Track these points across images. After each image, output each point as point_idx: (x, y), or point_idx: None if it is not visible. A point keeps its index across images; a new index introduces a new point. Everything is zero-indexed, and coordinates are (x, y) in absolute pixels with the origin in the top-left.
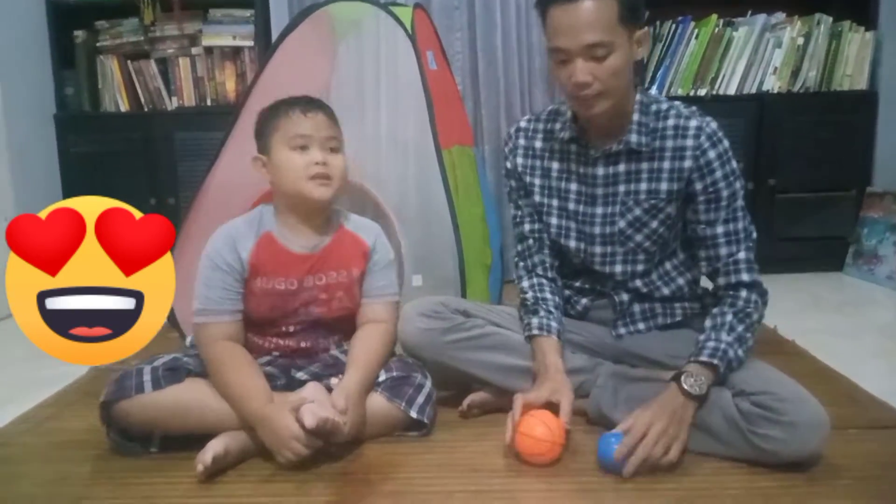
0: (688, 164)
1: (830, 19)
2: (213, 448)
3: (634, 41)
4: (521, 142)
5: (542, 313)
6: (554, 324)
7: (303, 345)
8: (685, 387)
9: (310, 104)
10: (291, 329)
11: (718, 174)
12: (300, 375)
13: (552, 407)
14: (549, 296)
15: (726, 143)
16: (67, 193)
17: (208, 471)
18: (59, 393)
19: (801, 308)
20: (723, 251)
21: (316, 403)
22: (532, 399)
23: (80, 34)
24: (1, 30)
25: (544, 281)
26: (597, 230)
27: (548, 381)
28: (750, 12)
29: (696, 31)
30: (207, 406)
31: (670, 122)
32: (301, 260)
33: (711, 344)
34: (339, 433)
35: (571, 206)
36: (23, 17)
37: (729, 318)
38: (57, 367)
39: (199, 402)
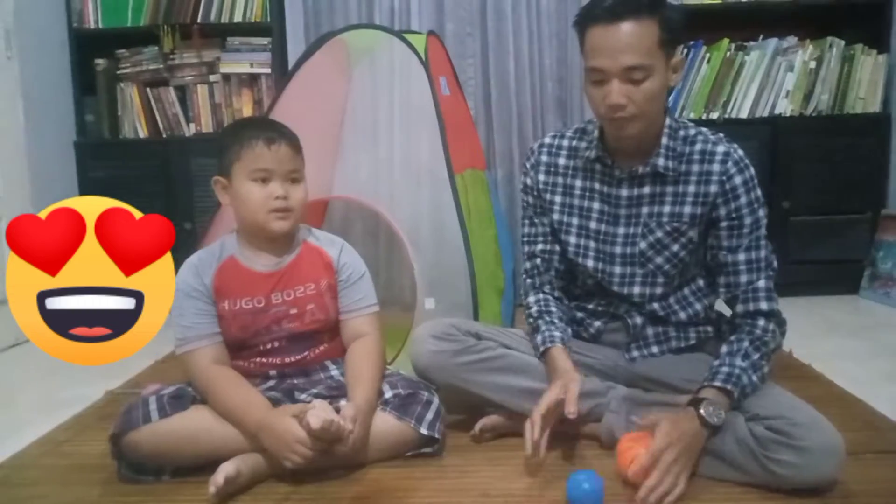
0: (713, 188)
1: (843, 42)
2: (225, 470)
3: (671, 67)
4: (544, 158)
5: (543, 328)
6: (557, 333)
7: (288, 360)
8: (703, 415)
9: (274, 135)
10: (269, 346)
11: (743, 200)
12: (304, 398)
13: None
14: (553, 309)
15: (752, 170)
16: None
17: (220, 493)
18: (76, 416)
19: (816, 332)
20: (743, 279)
21: (320, 408)
22: (546, 403)
23: (101, 62)
24: (27, 59)
25: (550, 298)
26: (617, 250)
27: (557, 380)
28: (762, 36)
29: (708, 55)
30: (215, 431)
31: (697, 146)
32: (265, 278)
33: (725, 369)
34: (343, 438)
35: (593, 224)
36: (47, 46)
37: (745, 344)
38: (74, 389)
39: (206, 427)
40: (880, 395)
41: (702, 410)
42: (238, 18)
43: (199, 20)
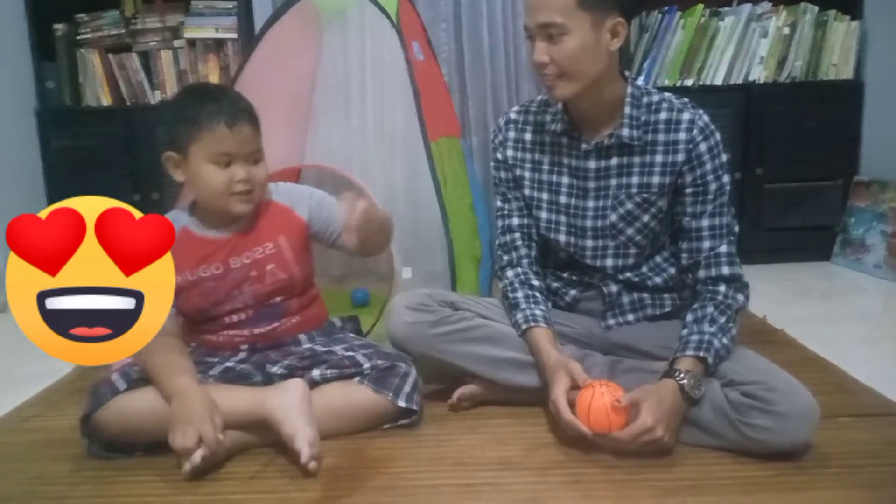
0: (681, 157)
1: (816, 8)
2: (202, 448)
3: (606, 29)
4: (511, 134)
5: (523, 306)
6: (538, 311)
7: (257, 331)
8: (686, 388)
9: (234, 114)
10: (235, 318)
11: (708, 167)
12: (275, 370)
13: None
14: (535, 283)
15: (718, 136)
16: (50, 188)
17: (196, 469)
18: (43, 391)
19: (789, 297)
20: (706, 244)
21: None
22: (562, 398)
23: (60, 27)
24: None
25: (530, 273)
26: (588, 223)
27: (556, 369)
28: (736, 2)
29: (682, 21)
30: None
31: (662, 115)
32: (221, 244)
33: (695, 337)
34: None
35: (563, 199)
36: (1, 11)
37: (710, 309)
38: (40, 364)
39: None
40: (852, 359)
41: (684, 383)
42: None
43: None
